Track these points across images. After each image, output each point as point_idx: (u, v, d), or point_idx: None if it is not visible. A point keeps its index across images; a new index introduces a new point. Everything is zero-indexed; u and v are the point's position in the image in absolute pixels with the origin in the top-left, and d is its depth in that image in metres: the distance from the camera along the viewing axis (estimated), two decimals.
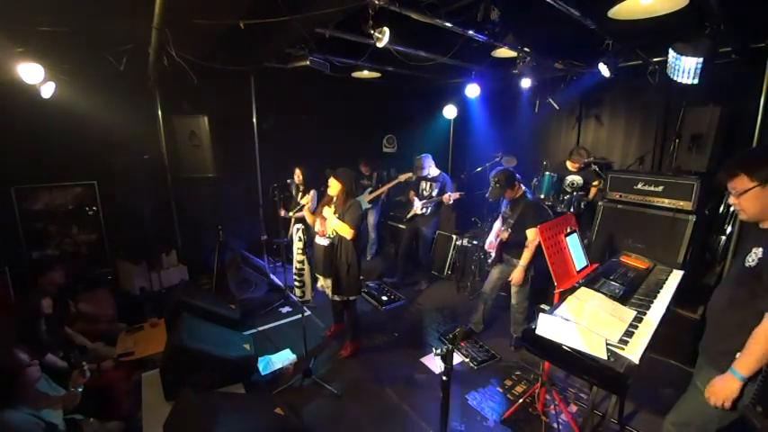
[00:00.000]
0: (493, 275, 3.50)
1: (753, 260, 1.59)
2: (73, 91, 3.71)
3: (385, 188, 5.01)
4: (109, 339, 3.38)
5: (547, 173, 4.40)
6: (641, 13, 2.44)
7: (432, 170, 4.69)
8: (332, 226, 3.04)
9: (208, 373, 2.77)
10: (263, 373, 3.17)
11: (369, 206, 5.04)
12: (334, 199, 3.10)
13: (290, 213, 4.46)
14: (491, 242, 3.52)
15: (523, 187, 3.32)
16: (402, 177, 4.87)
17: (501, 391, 3.04)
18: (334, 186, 3.09)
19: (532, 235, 3.04)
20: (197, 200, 5.04)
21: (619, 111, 4.69)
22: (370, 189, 5.10)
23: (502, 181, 3.17)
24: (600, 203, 3.83)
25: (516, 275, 3.17)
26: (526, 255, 3.11)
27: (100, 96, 3.92)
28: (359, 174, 5.24)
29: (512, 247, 3.29)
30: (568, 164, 4.44)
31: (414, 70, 4.54)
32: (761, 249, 1.57)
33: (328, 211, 3.05)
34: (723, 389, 1.58)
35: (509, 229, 3.22)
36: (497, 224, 3.54)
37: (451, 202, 4.53)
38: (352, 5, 2.55)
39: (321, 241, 3.19)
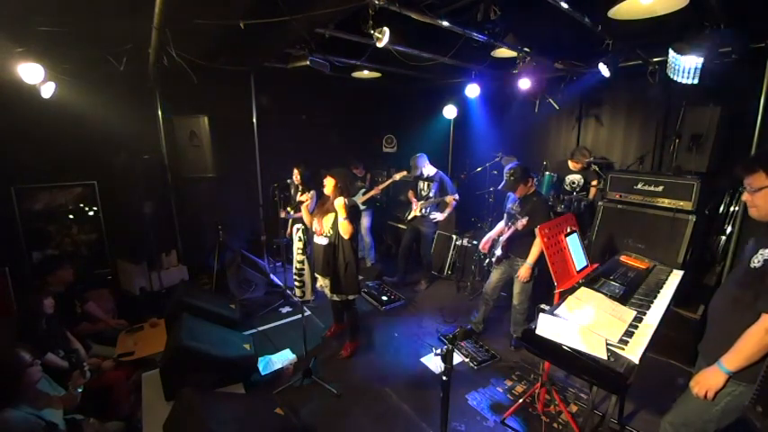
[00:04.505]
0: (493, 277, 3.51)
1: (758, 261, 1.58)
2: (73, 91, 3.70)
3: (379, 188, 4.99)
4: (109, 339, 3.38)
5: (546, 173, 4.40)
6: (641, 13, 2.44)
7: (426, 169, 4.68)
8: (340, 223, 3.01)
9: (208, 373, 2.77)
10: (263, 373, 3.18)
11: (363, 207, 5.02)
12: (330, 197, 3.09)
13: (291, 212, 4.46)
14: (485, 241, 3.53)
15: (536, 185, 3.34)
16: (397, 176, 4.85)
17: (501, 391, 3.04)
18: (329, 185, 3.09)
19: None
20: (197, 200, 5.03)
21: (619, 111, 4.68)
22: (363, 190, 5.07)
23: (517, 175, 3.17)
24: (600, 203, 3.83)
25: (523, 272, 3.18)
26: (534, 252, 3.11)
27: (100, 96, 3.92)
28: (352, 175, 5.22)
29: (517, 245, 3.29)
30: (570, 164, 4.45)
31: (414, 70, 4.53)
32: (767, 251, 1.57)
33: (340, 201, 2.95)
34: (708, 380, 1.62)
35: (526, 217, 3.13)
36: (501, 224, 3.54)
37: (455, 204, 4.53)
38: (352, 5, 2.55)
39: (320, 240, 3.19)
